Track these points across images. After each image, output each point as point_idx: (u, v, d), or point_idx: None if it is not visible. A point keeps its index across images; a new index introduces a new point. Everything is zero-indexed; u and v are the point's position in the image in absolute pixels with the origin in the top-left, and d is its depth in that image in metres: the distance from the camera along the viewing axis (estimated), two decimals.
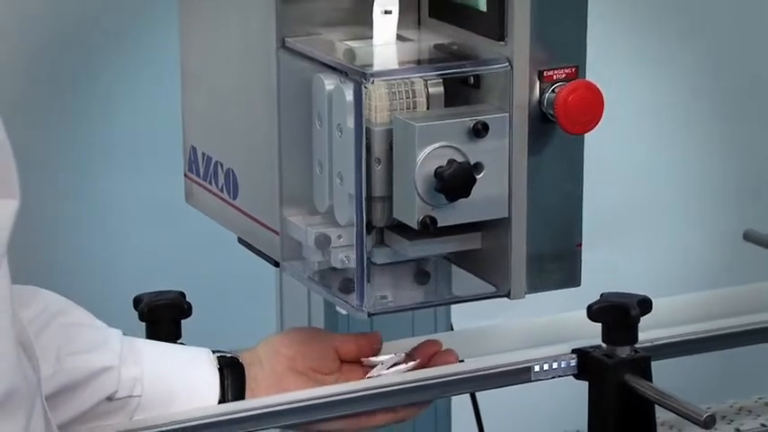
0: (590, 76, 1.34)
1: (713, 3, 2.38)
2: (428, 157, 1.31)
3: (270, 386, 1.43)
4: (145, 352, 1.40)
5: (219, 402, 1.40)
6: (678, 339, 1.55)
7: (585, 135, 1.35)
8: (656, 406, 1.44)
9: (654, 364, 1.48)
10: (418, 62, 1.39)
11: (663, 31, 2.36)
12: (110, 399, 1.36)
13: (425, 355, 1.47)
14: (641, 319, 1.49)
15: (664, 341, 1.54)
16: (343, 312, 1.42)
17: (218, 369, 1.42)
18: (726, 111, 2.45)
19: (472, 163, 1.32)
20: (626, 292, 1.51)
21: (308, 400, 1.39)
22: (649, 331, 1.52)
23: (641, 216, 2.41)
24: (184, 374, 1.40)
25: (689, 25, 2.38)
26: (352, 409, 1.41)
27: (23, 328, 1.12)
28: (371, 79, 1.31)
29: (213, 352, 1.44)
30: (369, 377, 1.45)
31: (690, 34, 2.38)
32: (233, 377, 1.42)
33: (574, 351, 1.49)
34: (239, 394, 1.42)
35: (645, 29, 2.35)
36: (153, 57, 2.01)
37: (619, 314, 1.48)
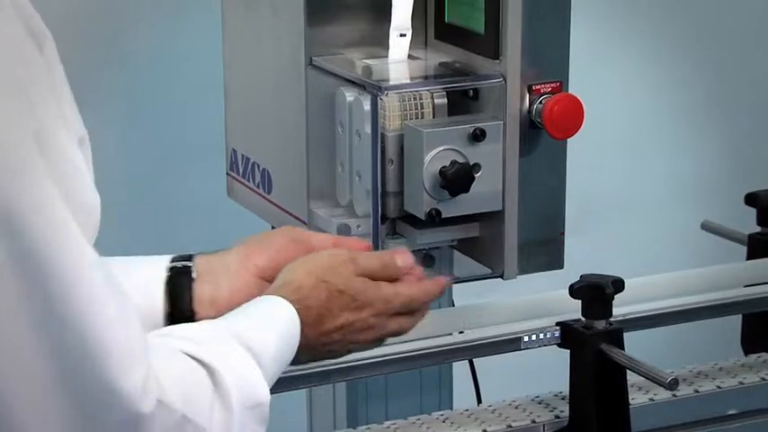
0: (577, 82, 1.34)
1: (692, 11, 2.37)
2: (434, 159, 1.30)
3: (232, 297, 1.21)
4: None
5: (166, 315, 1.19)
6: (647, 314, 1.54)
7: (568, 140, 1.35)
8: (628, 371, 1.44)
9: (626, 334, 1.47)
10: (425, 77, 1.39)
11: (638, 42, 2.36)
12: None
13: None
14: (615, 296, 1.48)
15: (634, 315, 1.53)
16: None
17: (167, 279, 1.20)
18: (687, 121, 2.44)
19: (471, 163, 1.31)
20: (602, 273, 1.50)
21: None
22: (622, 307, 1.51)
23: (615, 209, 2.41)
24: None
25: (663, 36, 2.37)
26: (367, 374, 1.41)
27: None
28: (386, 92, 1.30)
29: (175, 260, 1.22)
30: None
31: (662, 45, 2.37)
32: (178, 292, 1.20)
33: (557, 324, 1.48)
34: (184, 308, 1.20)
35: (624, 38, 2.35)
36: (198, 74, 2.00)
37: (596, 292, 1.47)
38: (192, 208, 2.04)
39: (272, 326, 1.13)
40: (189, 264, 1.22)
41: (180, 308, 1.20)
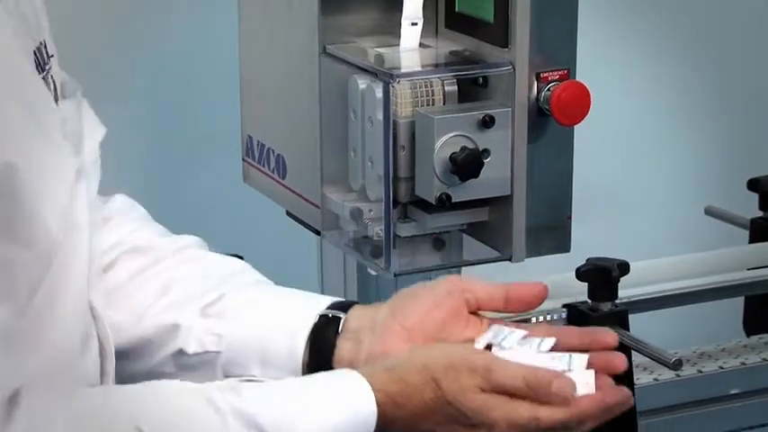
0: (581, 76, 1.34)
1: (690, 4, 2.37)
2: (444, 145, 1.30)
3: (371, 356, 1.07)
4: (243, 308, 1.13)
5: (305, 365, 1.09)
6: (651, 296, 1.54)
7: (575, 126, 1.34)
8: (633, 351, 1.43)
9: (631, 316, 1.46)
10: (436, 65, 1.38)
11: (641, 33, 2.35)
12: (182, 354, 1.13)
13: (592, 342, 1.09)
14: (621, 279, 1.48)
15: (639, 298, 1.52)
16: (374, 273, 1.41)
17: (312, 327, 1.10)
18: (693, 107, 2.43)
19: (481, 149, 1.31)
20: (608, 257, 1.50)
21: None
22: (627, 289, 1.51)
23: (621, 195, 2.40)
24: (270, 340, 1.11)
25: (664, 32, 2.36)
26: None
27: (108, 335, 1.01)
28: (397, 79, 1.30)
29: (332, 307, 1.11)
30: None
31: (662, 40, 2.37)
32: (320, 344, 1.09)
33: (564, 306, 1.48)
34: (324, 362, 1.10)
35: (631, 30, 2.34)
36: (214, 63, 2.00)
37: (602, 275, 1.47)
38: (212, 193, 2.05)
39: (328, 412, 0.98)
40: (339, 315, 1.09)
41: (320, 362, 1.08)
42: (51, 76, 1.03)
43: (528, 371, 0.99)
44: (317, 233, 1.44)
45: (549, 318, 1.46)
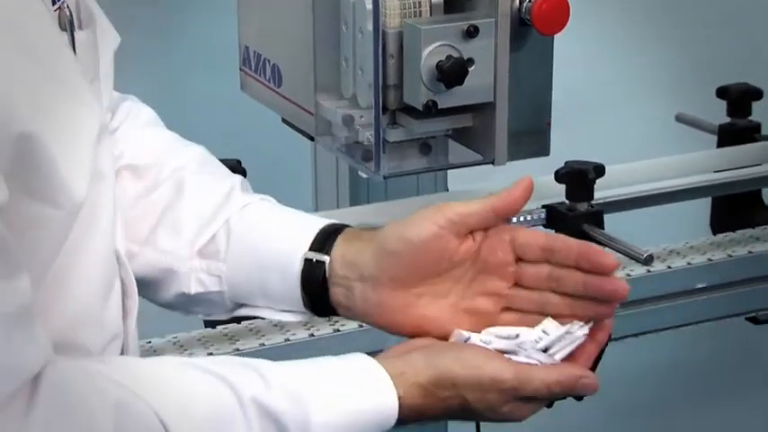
0: None
1: None
2: (431, 54, 1.30)
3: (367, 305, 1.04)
4: (236, 248, 1.09)
5: (306, 304, 1.07)
6: (625, 197, 1.56)
7: (555, 36, 1.34)
8: (608, 249, 1.45)
9: (606, 216, 1.48)
10: None
11: None
12: (186, 294, 1.10)
13: (588, 264, 1.00)
14: (596, 181, 1.49)
15: (614, 198, 1.54)
16: (365, 176, 1.42)
17: (302, 272, 1.06)
18: (665, 18, 2.43)
19: (465, 58, 1.31)
20: (585, 160, 1.51)
21: None
22: (603, 191, 1.52)
23: (599, 102, 2.41)
24: (267, 281, 1.08)
25: None
26: None
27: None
28: None
29: (315, 245, 1.06)
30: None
31: None
32: (312, 287, 1.06)
33: (543, 206, 1.49)
34: (322, 303, 1.07)
35: None
36: None
37: (579, 177, 1.48)
38: (211, 101, 2.05)
39: (351, 417, 0.94)
40: (323, 260, 1.04)
41: (318, 303, 1.06)
42: (68, 6, 0.95)
43: (553, 381, 0.97)
44: (311, 139, 1.45)
45: (528, 218, 1.47)
